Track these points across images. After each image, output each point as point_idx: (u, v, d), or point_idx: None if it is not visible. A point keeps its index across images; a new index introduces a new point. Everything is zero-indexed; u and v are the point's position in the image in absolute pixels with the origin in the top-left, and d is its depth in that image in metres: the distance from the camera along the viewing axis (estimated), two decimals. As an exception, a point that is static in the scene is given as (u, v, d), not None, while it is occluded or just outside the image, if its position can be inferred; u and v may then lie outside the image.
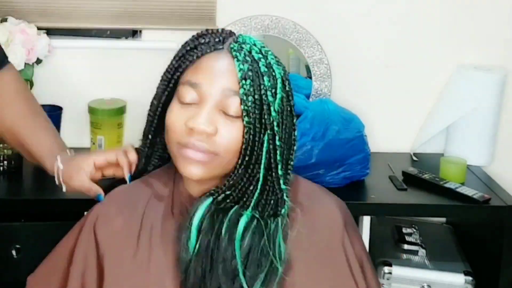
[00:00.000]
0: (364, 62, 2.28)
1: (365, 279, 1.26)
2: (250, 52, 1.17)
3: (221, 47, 1.17)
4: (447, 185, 1.96)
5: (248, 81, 1.14)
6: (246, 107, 1.14)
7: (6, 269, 1.84)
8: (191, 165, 1.14)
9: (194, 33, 1.23)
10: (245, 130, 1.15)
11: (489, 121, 2.20)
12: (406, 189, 1.97)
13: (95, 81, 2.23)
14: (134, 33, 2.26)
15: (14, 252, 1.83)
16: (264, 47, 1.22)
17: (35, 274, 1.30)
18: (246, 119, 1.15)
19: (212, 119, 1.13)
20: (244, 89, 1.14)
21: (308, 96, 2.21)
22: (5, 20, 2.01)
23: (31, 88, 2.07)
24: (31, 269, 1.62)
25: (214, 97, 1.13)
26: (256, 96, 1.15)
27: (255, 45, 1.19)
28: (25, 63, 1.98)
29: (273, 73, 1.18)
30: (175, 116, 1.16)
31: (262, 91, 1.15)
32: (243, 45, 1.17)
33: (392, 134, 2.30)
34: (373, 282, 1.30)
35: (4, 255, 1.83)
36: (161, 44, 2.19)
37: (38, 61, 2.04)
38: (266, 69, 1.17)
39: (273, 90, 1.16)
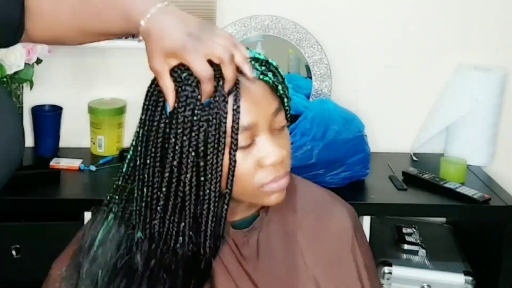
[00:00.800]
0: (364, 62, 2.28)
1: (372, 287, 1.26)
2: (254, 58, 1.12)
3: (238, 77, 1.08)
4: (447, 185, 1.96)
5: (280, 87, 1.13)
6: (288, 110, 1.17)
7: (6, 269, 1.84)
8: (277, 193, 1.13)
9: None
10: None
11: (489, 121, 2.20)
12: (406, 189, 1.97)
13: (95, 81, 2.23)
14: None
15: (14, 252, 1.83)
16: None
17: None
18: (288, 114, 1.17)
19: (276, 143, 1.11)
20: (282, 96, 1.14)
21: (308, 96, 2.21)
22: (5, 20, 2.01)
23: (31, 88, 2.07)
24: (31, 269, 1.63)
25: (267, 125, 1.11)
26: (287, 93, 1.16)
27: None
28: (25, 63, 1.98)
29: (274, 63, 1.17)
30: (245, 166, 1.10)
31: (284, 85, 1.16)
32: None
33: (392, 134, 2.31)
34: None
35: (4, 255, 1.83)
36: (161, 44, 2.19)
37: (38, 61, 2.04)
38: (275, 63, 1.16)
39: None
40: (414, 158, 2.25)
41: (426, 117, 2.30)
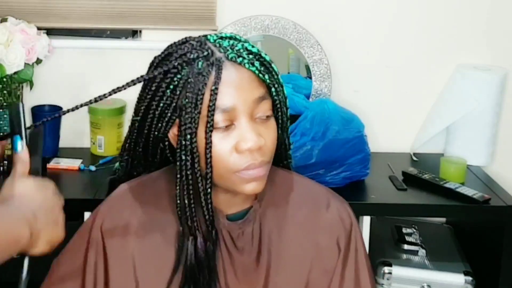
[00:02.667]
0: (364, 62, 2.28)
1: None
2: (246, 49, 1.15)
3: (222, 59, 1.12)
4: (447, 185, 1.96)
5: (267, 76, 1.15)
6: (277, 101, 1.18)
7: (6, 269, 1.83)
8: (254, 182, 1.13)
9: (195, 33, 1.21)
10: (277, 123, 1.19)
11: (489, 121, 2.20)
12: (406, 189, 1.97)
13: (95, 81, 2.23)
14: (134, 33, 2.26)
15: (14, 252, 1.83)
16: (242, 38, 1.20)
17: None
18: (279, 112, 1.19)
19: (256, 131, 1.12)
20: (270, 86, 1.15)
21: (308, 96, 2.21)
22: (5, 20, 2.01)
23: (31, 88, 2.07)
24: (31, 269, 1.61)
25: (249, 110, 1.12)
26: (276, 85, 1.17)
27: (237, 39, 1.18)
28: (25, 63, 1.98)
29: (267, 57, 1.18)
30: (221, 147, 1.11)
31: (276, 77, 1.17)
32: (234, 47, 1.14)
33: (392, 134, 2.31)
34: None
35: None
36: (161, 44, 2.16)
37: (38, 61, 2.04)
38: (269, 58, 1.17)
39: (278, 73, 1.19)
40: (414, 158, 2.25)
41: (426, 117, 2.30)
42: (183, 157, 1.12)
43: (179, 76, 1.13)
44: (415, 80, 2.30)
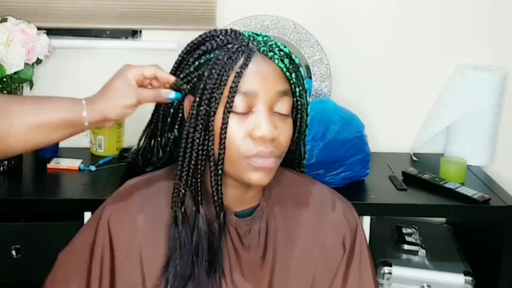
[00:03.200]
0: (364, 62, 2.28)
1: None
2: (278, 47, 1.18)
3: (253, 50, 1.16)
4: (447, 185, 1.96)
5: (293, 75, 1.18)
6: (298, 103, 1.20)
7: (6, 269, 1.84)
8: (262, 172, 1.14)
9: (195, 33, 1.22)
10: (295, 126, 1.21)
11: (489, 121, 2.20)
12: (406, 189, 1.97)
13: (95, 81, 2.22)
14: (134, 33, 2.26)
15: (14, 252, 1.83)
16: (274, 40, 1.22)
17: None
18: (299, 114, 1.21)
19: (273, 122, 1.14)
20: (295, 86, 1.18)
21: (308, 96, 2.21)
22: (5, 20, 2.01)
23: (31, 88, 2.07)
24: (31, 269, 1.63)
25: (269, 101, 1.14)
26: (301, 87, 1.20)
27: (271, 39, 1.21)
28: (25, 63, 1.98)
29: (297, 60, 1.21)
30: (236, 130, 1.13)
31: (301, 81, 1.20)
32: (267, 42, 1.18)
33: (392, 134, 2.31)
34: None
35: (4, 255, 1.83)
36: (161, 44, 2.19)
37: (38, 61, 2.03)
38: (298, 61, 1.20)
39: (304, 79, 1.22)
40: (414, 158, 2.25)
41: (426, 117, 2.30)
42: (197, 136, 1.14)
43: (208, 56, 1.16)
44: (415, 80, 2.30)
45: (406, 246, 2.04)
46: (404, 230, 2.11)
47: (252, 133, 1.12)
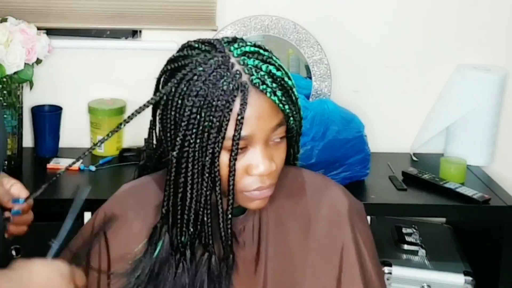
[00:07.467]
0: (364, 62, 2.28)
1: (364, 277, 1.26)
2: (270, 73, 1.14)
3: (247, 85, 1.09)
4: (447, 185, 1.96)
5: (287, 106, 1.15)
6: (294, 128, 1.20)
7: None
8: (259, 200, 1.16)
9: (195, 33, 1.21)
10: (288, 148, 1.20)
11: (489, 121, 2.20)
12: (406, 189, 1.97)
13: (95, 81, 2.23)
14: (134, 33, 2.26)
15: (14, 252, 1.83)
16: (267, 51, 1.19)
17: None
18: (293, 136, 1.22)
19: (269, 156, 1.13)
20: (288, 115, 1.16)
21: (308, 96, 2.21)
22: (5, 20, 2.01)
23: (31, 88, 2.07)
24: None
25: (265, 138, 1.13)
26: (295, 113, 1.18)
27: (261, 55, 1.17)
28: (25, 63, 1.98)
29: (290, 82, 1.17)
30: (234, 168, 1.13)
31: (295, 105, 1.18)
32: (259, 70, 1.13)
33: (392, 134, 2.31)
34: (376, 283, 1.29)
35: (4, 255, 1.83)
36: (161, 44, 2.19)
37: (38, 61, 2.04)
38: (291, 83, 1.17)
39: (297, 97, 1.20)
40: (414, 158, 2.25)
41: (426, 117, 2.30)
42: (202, 177, 1.12)
43: (202, 98, 1.09)
44: (415, 80, 2.30)
45: (406, 246, 2.04)
46: (404, 230, 2.11)
47: (249, 171, 1.12)
